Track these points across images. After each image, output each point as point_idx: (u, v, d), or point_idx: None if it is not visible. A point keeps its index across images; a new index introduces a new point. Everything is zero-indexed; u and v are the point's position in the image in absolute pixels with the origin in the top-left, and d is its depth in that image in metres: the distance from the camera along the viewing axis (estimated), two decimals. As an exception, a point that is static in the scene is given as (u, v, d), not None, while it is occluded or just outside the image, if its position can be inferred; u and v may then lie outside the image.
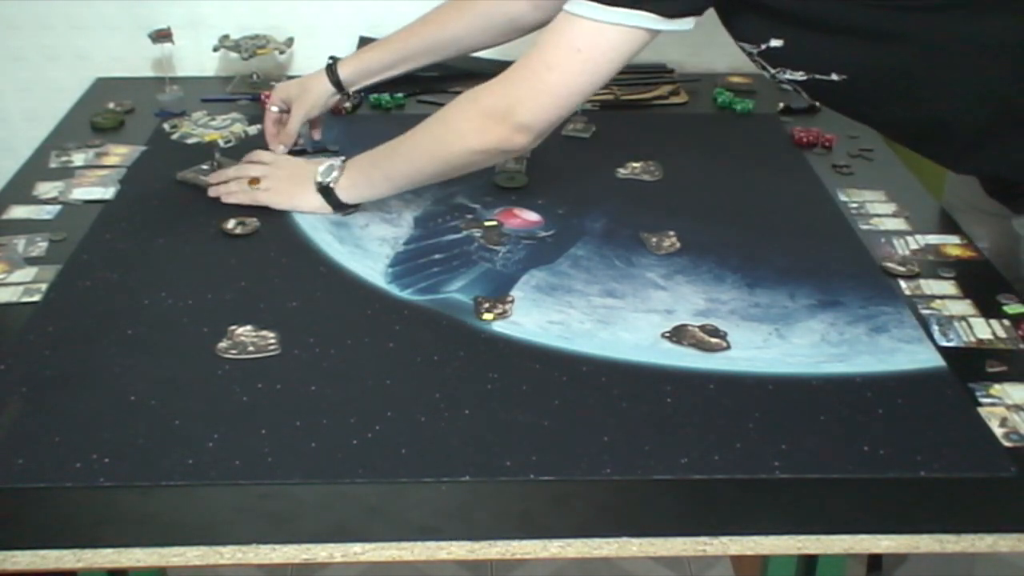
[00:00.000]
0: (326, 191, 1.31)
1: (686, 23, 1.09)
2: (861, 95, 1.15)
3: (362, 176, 1.30)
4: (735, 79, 1.79)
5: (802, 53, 1.12)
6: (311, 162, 1.36)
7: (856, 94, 1.14)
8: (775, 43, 1.11)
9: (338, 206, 1.32)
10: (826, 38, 1.09)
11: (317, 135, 1.53)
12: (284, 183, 1.35)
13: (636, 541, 0.85)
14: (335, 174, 1.30)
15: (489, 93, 1.18)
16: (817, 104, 1.65)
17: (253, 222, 1.29)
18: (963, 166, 1.24)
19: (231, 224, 1.19)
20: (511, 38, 1.42)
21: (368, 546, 0.84)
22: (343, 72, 1.46)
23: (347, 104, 1.58)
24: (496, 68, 1.79)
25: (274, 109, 1.50)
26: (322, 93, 1.47)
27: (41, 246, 1.25)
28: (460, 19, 1.40)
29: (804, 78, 1.14)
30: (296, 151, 1.49)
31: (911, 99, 1.14)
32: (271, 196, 1.34)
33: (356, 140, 1.47)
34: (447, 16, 1.41)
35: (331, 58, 1.47)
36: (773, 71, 1.16)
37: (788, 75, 1.14)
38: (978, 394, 1.01)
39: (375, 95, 1.68)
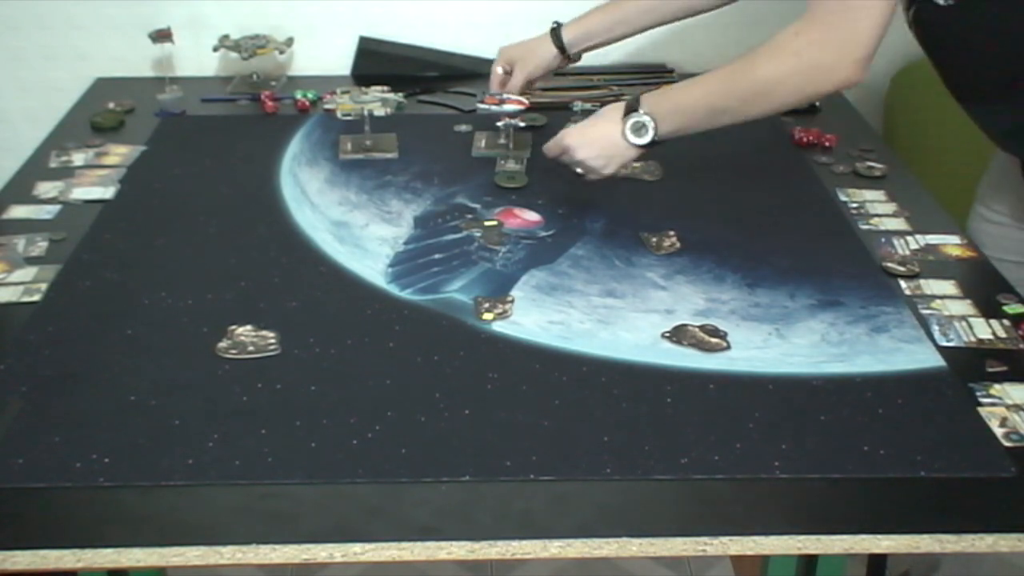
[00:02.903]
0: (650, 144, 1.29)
1: None
2: (965, 24, 1.14)
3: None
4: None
5: None
6: (599, 128, 1.32)
7: (960, 22, 1.14)
8: None
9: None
10: None
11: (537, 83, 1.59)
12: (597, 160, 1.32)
13: (636, 541, 0.85)
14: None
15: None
16: (817, 104, 1.66)
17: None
18: None
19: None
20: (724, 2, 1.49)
21: (368, 546, 0.84)
22: (567, 36, 1.51)
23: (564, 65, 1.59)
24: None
25: (499, 71, 1.55)
26: (546, 55, 1.53)
27: (41, 246, 1.25)
28: None
29: None
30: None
31: (1010, 41, 1.13)
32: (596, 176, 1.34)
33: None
34: None
35: (555, 23, 1.52)
36: None
37: None
38: (978, 394, 1.01)
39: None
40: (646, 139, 1.26)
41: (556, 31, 1.51)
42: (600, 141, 1.30)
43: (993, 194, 1.39)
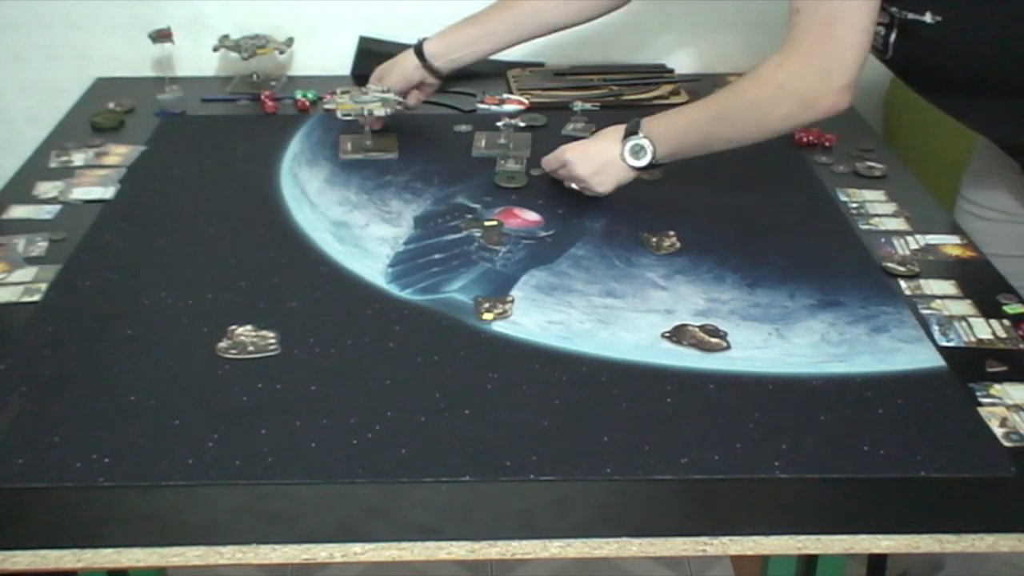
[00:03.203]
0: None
1: None
2: (950, 42, 1.15)
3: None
4: (735, 79, 1.78)
5: None
6: (599, 146, 1.34)
7: (945, 40, 1.15)
8: None
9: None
10: None
11: (412, 102, 1.56)
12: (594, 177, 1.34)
13: (636, 541, 0.85)
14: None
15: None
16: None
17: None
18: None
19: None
20: (593, 15, 1.49)
21: (368, 546, 0.84)
22: (429, 48, 1.51)
23: (431, 82, 1.55)
24: (501, 69, 1.81)
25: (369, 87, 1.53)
26: (407, 67, 1.52)
27: (41, 246, 1.25)
28: None
29: (896, 13, 1.16)
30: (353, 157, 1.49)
31: (999, 49, 1.14)
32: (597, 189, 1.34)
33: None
34: None
35: (422, 38, 1.52)
36: None
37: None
38: (978, 394, 1.01)
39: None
40: (644, 161, 1.29)
41: (420, 43, 1.51)
42: (599, 158, 1.32)
43: (976, 188, 1.39)
